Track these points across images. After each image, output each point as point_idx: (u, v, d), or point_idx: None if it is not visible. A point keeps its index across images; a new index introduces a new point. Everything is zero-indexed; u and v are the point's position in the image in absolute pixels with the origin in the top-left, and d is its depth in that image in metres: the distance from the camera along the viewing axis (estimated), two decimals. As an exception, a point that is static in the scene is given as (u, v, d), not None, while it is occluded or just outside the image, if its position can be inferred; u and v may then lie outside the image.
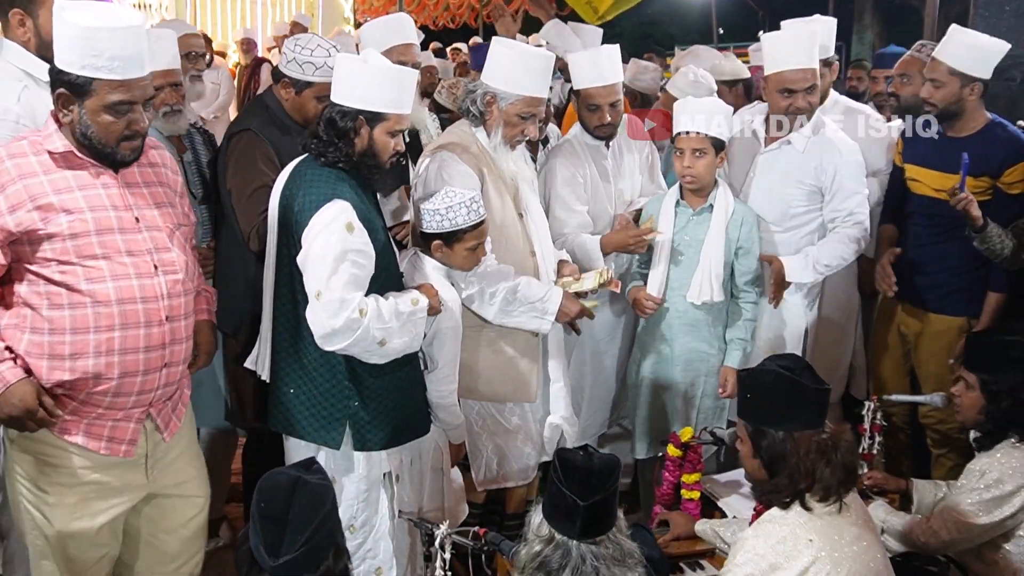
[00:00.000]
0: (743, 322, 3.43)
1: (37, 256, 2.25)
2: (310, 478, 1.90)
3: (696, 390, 3.48)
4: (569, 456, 2.06)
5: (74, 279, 2.26)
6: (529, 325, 3.05)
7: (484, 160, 3.06)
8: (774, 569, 2.18)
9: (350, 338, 2.52)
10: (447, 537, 2.33)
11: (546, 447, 3.26)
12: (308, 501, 1.85)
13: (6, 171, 2.23)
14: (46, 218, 2.22)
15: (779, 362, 2.32)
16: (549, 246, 3.24)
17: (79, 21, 2.17)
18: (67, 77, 2.21)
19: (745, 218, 3.38)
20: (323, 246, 2.50)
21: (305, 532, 1.82)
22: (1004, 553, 2.70)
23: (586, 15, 9.81)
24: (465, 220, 2.78)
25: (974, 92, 3.35)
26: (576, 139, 3.60)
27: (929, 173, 3.43)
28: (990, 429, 2.74)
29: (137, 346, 2.33)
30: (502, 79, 3.00)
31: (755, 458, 2.29)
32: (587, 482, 1.98)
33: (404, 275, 2.85)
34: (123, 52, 2.20)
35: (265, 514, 1.85)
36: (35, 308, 2.28)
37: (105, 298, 2.28)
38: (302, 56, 3.08)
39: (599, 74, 3.45)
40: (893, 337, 3.72)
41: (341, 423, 2.68)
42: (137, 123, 2.29)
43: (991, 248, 3.24)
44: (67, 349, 2.27)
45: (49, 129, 2.29)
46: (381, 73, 2.58)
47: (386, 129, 2.61)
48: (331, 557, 1.88)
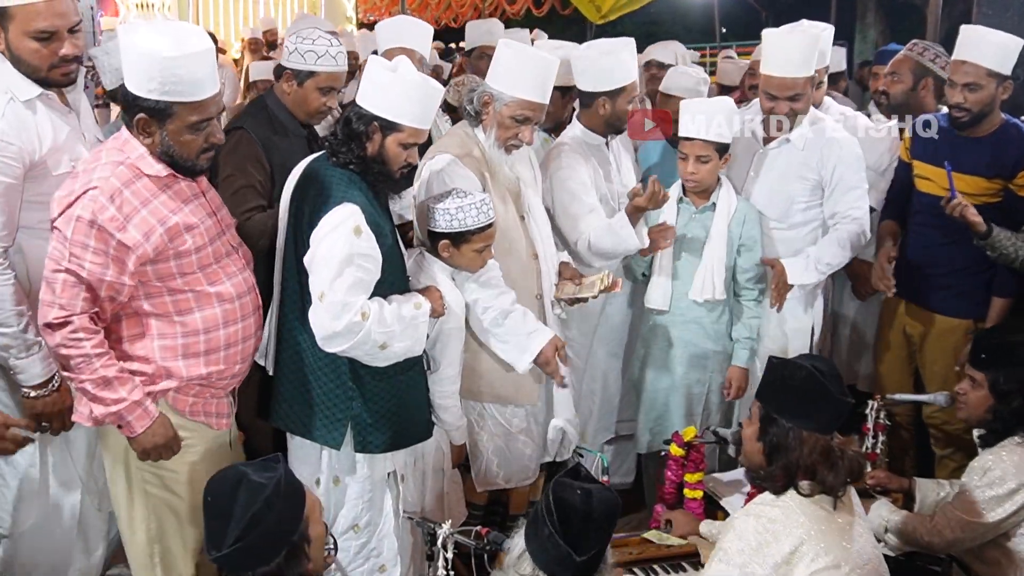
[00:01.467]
0: (747, 320, 3.43)
1: (162, 271, 2.40)
2: (256, 476, 1.91)
3: (703, 387, 3.48)
4: (566, 495, 1.92)
5: (198, 284, 2.45)
6: (507, 355, 2.99)
7: (485, 163, 3.04)
8: (763, 547, 2.19)
9: (351, 340, 2.52)
10: (449, 537, 2.33)
11: (549, 449, 3.26)
12: (249, 498, 1.87)
13: (128, 201, 2.32)
14: (175, 238, 2.38)
15: (813, 362, 2.32)
16: (551, 249, 3.23)
17: (155, 51, 2.24)
18: (147, 103, 2.30)
19: (747, 215, 3.38)
20: (330, 248, 2.51)
21: (240, 527, 1.84)
22: (1006, 551, 2.69)
23: (589, 13, 9.81)
24: (475, 221, 2.77)
25: (1006, 91, 3.28)
26: (576, 139, 3.56)
27: (940, 172, 3.35)
28: (997, 428, 2.74)
29: (249, 334, 2.59)
30: (502, 80, 2.98)
31: (759, 441, 2.30)
32: (585, 529, 1.88)
33: (410, 274, 2.84)
34: (199, 75, 2.30)
35: (210, 508, 1.90)
36: (161, 316, 2.44)
37: (229, 296, 2.51)
38: (304, 46, 3.09)
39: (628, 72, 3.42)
40: (898, 337, 3.70)
41: (343, 424, 2.68)
42: (214, 135, 2.42)
43: (1004, 254, 3.18)
44: (202, 347, 2.48)
45: (138, 152, 2.36)
46: (406, 84, 2.56)
47: (399, 140, 2.59)
48: (283, 556, 1.89)
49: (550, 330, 3.02)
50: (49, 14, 2.45)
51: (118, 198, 2.30)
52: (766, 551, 2.19)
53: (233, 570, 1.88)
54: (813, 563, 2.16)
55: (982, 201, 3.31)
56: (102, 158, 2.37)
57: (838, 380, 2.29)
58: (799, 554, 2.17)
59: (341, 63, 3.13)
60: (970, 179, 3.32)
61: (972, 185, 3.32)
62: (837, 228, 3.40)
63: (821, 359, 2.45)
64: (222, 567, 1.88)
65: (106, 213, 2.28)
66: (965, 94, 3.27)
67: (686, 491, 3.00)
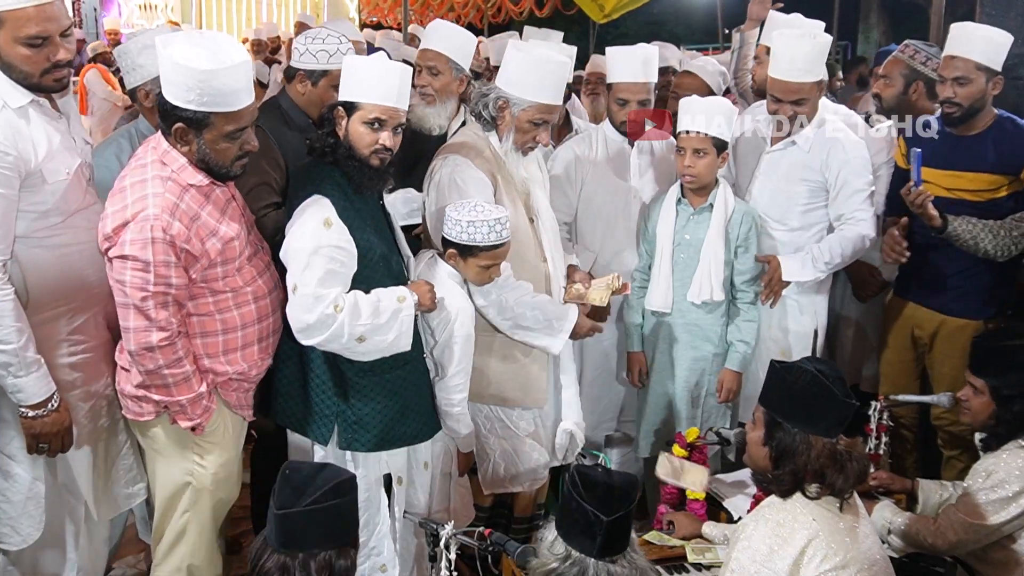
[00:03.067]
0: (742, 323, 3.42)
1: (209, 276, 2.51)
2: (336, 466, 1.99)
3: (700, 389, 3.48)
4: (588, 472, 2.01)
5: (235, 284, 2.56)
6: (539, 342, 3.02)
7: (497, 165, 3.03)
8: (773, 552, 2.19)
9: (325, 333, 2.53)
10: (452, 537, 2.33)
11: (557, 453, 3.26)
12: (331, 474, 1.93)
13: (185, 213, 2.43)
14: (226, 246, 2.50)
15: (817, 365, 2.31)
16: (559, 251, 3.23)
17: (194, 64, 2.32)
18: (185, 113, 2.38)
19: (745, 217, 3.37)
20: (298, 240, 2.54)
21: (319, 492, 1.86)
22: (1010, 554, 2.69)
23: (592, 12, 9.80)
24: (484, 239, 2.74)
25: (996, 87, 3.30)
26: (599, 134, 3.60)
27: (937, 173, 3.36)
28: (1000, 432, 2.73)
29: (277, 327, 2.69)
30: (516, 84, 2.96)
31: (764, 446, 2.29)
32: (608, 498, 1.95)
33: (419, 276, 2.83)
34: (236, 87, 2.39)
35: (287, 479, 1.91)
36: (204, 315, 2.54)
37: (261, 293, 2.63)
38: (314, 46, 3.12)
39: (633, 71, 3.47)
40: (904, 339, 3.67)
41: (330, 420, 2.70)
42: (248, 143, 2.51)
43: (964, 244, 3.21)
44: (240, 342, 2.59)
45: (179, 163, 2.46)
46: (359, 64, 2.62)
47: (360, 119, 2.60)
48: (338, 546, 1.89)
49: (573, 307, 3.06)
50: (40, 19, 2.38)
51: (178, 212, 2.41)
52: (777, 556, 2.18)
53: (292, 537, 1.86)
54: (823, 564, 2.16)
55: (986, 197, 3.32)
56: (148, 172, 2.44)
57: (842, 382, 2.28)
58: (808, 555, 2.17)
59: None
60: (972, 176, 3.32)
61: (975, 182, 3.32)
62: (841, 227, 3.40)
63: (824, 361, 2.44)
64: (285, 530, 1.86)
65: (174, 228, 2.39)
66: (955, 88, 3.28)
67: (688, 492, 3.00)
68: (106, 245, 2.45)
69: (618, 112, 3.54)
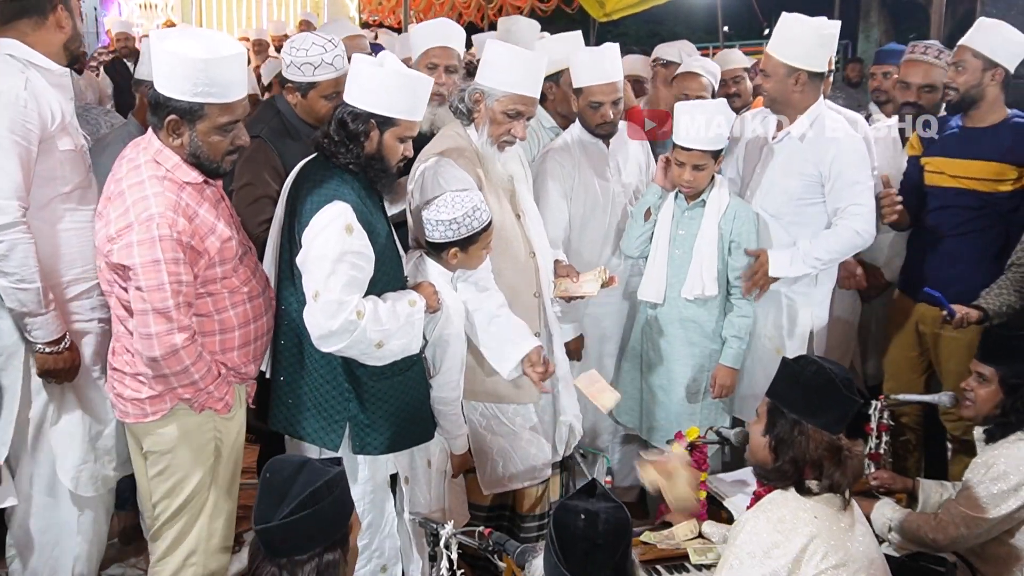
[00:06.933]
0: (736, 319, 3.42)
1: (209, 276, 2.52)
2: (319, 463, 1.91)
3: (699, 385, 3.48)
4: (568, 521, 1.80)
5: (231, 284, 2.57)
6: (490, 357, 2.98)
7: (479, 163, 3.02)
8: (774, 547, 2.19)
9: (347, 340, 2.52)
10: (452, 537, 2.33)
11: (558, 447, 3.26)
12: (310, 478, 1.85)
13: (186, 211, 2.44)
14: (223, 243, 2.51)
15: (825, 361, 2.32)
16: (546, 246, 3.23)
17: (189, 54, 2.34)
18: (178, 104, 2.40)
19: (738, 213, 3.37)
20: (322, 247, 2.51)
21: (296, 501, 1.80)
22: (1010, 548, 2.70)
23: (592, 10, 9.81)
24: (480, 223, 2.77)
25: (995, 78, 3.33)
26: (572, 137, 3.56)
27: (950, 162, 3.42)
28: (1007, 422, 2.74)
29: (269, 328, 2.72)
30: (491, 76, 2.97)
31: (765, 435, 2.30)
32: (589, 559, 1.76)
33: (408, 277, 2.84)
34: (231, 78, 2.40)
35: (267, 484, 1.87)
36: (203, 315, 2.54)
37: (255, 293, 2.64)
38: (299, 58, 3.09)
39: (602, 72, 3.43)
40: (909, 337, 3.67)
41: (340, 425, 2.69)
42: (239, 138, 2.52)
43: (1008, 313, 3.19)
44: (236, 342, 2.61)
45: (172, 161, 2.46)
46: (396, 78, 2.58)
47: (396, 135, 2.61)
48: (325, 548, 1.85)
49: (535, 340, 2.97)
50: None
51: (179, 209, 2.42)
52: (777, 551, 2.18)
53: (274, 548, 1.84)
54: (823, 562, 2.16)
55: (990, 187, 3.35)
56: (143, 173, 2.45)
57: (848, 380, 2.28)
58: (808, 552, 2.17)
59: (340, 66, 3.12)
60: (981, 164, 3.36)
61: (983, 171, 3.36)
62: (836, 223, 3.36)
63: (832, 360, 2.44)
64: (265, 542, 1.84)
65: (179, 224, 2.40)
66: (952, 73, 3.41)
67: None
68: (108, 247, 2.44)
69: (592, 115, 3.47)
